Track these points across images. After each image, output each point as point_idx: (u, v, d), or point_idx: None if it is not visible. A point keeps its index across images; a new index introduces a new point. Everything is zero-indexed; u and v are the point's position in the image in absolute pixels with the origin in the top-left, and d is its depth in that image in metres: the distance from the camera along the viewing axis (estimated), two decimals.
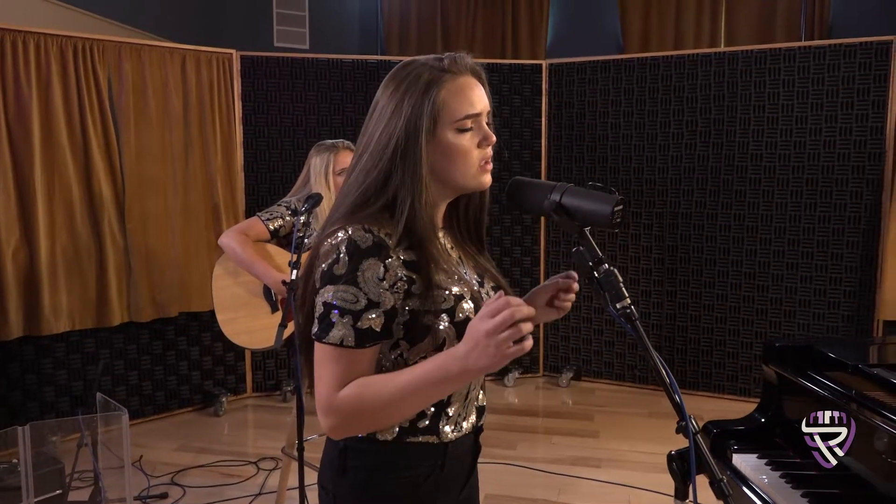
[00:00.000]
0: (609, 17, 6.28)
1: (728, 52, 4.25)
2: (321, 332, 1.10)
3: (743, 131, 4.20)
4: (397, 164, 1.13)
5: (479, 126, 1.17)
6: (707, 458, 1.00)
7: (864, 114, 3.92)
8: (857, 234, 3.98)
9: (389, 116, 1.15)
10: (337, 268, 1.10)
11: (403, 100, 1.14)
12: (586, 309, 4.71)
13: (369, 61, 4.47)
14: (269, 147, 4.33)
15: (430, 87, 1.13)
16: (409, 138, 1.13)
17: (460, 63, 1.17)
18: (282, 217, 2.62)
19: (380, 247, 1.10)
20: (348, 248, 1.10)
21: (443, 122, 1.14)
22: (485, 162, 1.18)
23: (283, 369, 4.52)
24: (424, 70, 1.15)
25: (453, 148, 1.15)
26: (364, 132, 1.20)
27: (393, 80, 1.18)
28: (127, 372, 3.96)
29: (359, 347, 1.09)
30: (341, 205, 1.18)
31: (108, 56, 3.72)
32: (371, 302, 1.09)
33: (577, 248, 1.08)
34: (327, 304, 1.10)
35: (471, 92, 1.16)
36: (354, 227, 1.11)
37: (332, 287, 1.10)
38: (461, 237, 1.29)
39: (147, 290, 3.90)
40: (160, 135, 3.91)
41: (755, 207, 4.20)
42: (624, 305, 1.04)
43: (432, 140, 1.14)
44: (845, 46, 3.95)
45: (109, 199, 3.75)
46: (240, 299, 2.60)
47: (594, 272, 1.07)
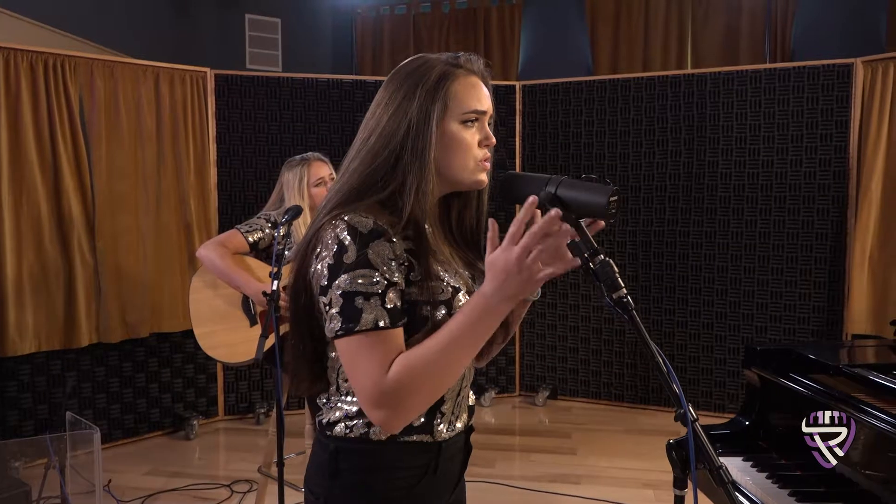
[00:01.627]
0: (578, 40, 6.41)
1: (697, 73, 4.36)
2: (350, 324, 1.05)
3: (712, 150, 4.29)
4: (407, 148, 1.13)
5: (483, 125, 1.19)
6: (706, 446, 1.01)
7: (828, 133, 4.04)
8: (824, 250, 4.08)
9: (401, 101, 1.15)
10: (346, 256, 1.07)
11: (417, 86, 1.15)
12: (562, 327, 4.72)
13: (344, 81, 4.49)
14: (244, 166, 4.30)
15: (444, 78, 1.15)
16: (420, 123, 1.13)
17: (474, 63, 1.19)
18: (261, 229, 2.59)
19: (382, 231, 1.08)
20: (351, 234, 1.07)
21: (450, 112, 1.15)
22: (483, 160, 1.18)
23: (257, 391, 4.43)
24: (438, 63, 1.17)
25: (456, 139, 1.15)
26: (370, 117, 1.19)
27: (404, 71, 1.19)
28: (94, 395, 3.85)
29: (394, 327, 1.06)
30: (345, 185, 1.16)
31: (80, 72, 3.68)
32: (389, 281, 1.07)
33: (571, 240, 1.08)
34: (348, 293, 1.06)
35: (480, 91, 1.18)
36: (350, 215, 1.10)
37: (346, 275, 1.06)
38: (455, 242, 1.27)
39: (117, 310, 3.81)
40: (132, 152, 3.86)
41: (725, 225, 4.28)
42: (620, 295, 1.04)
43: (440, 131, 1.14)
44: (809, 68, 4.08)
45: (79, 218, 3.68)
46: (218, 312, 2.56)
47: (590, 263, 1.07)
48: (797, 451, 1.65)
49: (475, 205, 1.26)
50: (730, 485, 0.99)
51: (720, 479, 0.99)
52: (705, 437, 1.00)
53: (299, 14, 7.04)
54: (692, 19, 5.99)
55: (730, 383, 4.29)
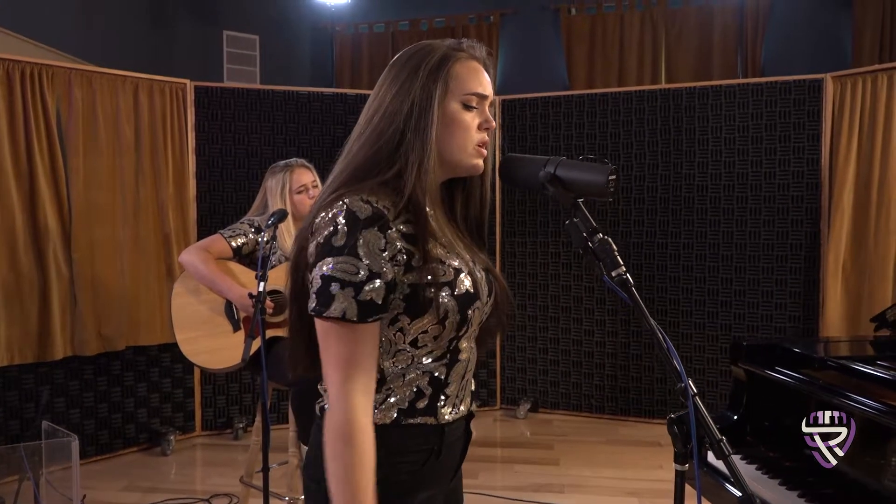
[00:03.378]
0: (554, 58, 6.52)
1: (672, 88, 4.45)
2: (320, 307, 1.07)
3: (689, 163, 4.37)
4: (410, 126, 1.14)
5: (483, 109, 1.20)
6: (706, 420, 1.01)
7: (800, 146, 4.13)
8: (799, 260, 4.16)
9: (404, 81, 1.17)
10: (336, 239, 1.08)
11: (419, 67, 1.16)
12: (542, 340, 4.73)
13: (324, 94, 4.50)
14: (223, 177, 4.27)
15: (446, 60, 1.17)
16: (422, 101, 1.14)
17: (476, 49, 1.22)
18: (245, 235, 2.57)
19: (379, 217, 1.09)
20: (347, 219, 1.08)
21: (452, 93, 1.16)
22: (481, 144, 1.19)
23: (235, 406, 4.36)
24: (441, 46, 1.20)
25: (456, 120, 1.16)
26: (373, 99, 1.21)
27: (407, 54, 1.21)
28: (68, 410, 3.76)
29: (361, 322, 1.07)
30: (349, 165, 1.17)
31: (57, 82, 3.64)
32: (372, 273, 1.07)
33: (570, 220, 1.10)
34: (326, 277, 1.07)
35: (482, 75, 1.20)
36: (352, 198, 1.10)
37: (330, 259, 1.07)
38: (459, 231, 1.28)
39: (93, 323, 3.73)
40: (110, 162, 3.82)
41: (702, 236, 4.35)
42: (619, 273, 1.06)
43: (440, 108, 1.15)
44: (781, 84, 4.18)
45: (55, 228, 3.61)
46: (200, 318, 2.52)
47: (589, 242, 1.08)
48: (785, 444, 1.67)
49: (479, 193, 1.27)
50: (730, 457, 0.99)
51: (721, 451, 1.00)
52: (705, 411, 1.01)
53: (277, 31, 7.07)
54: (665, 37, 6.13)
55: (709, 393, 4.32)
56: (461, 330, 1.16)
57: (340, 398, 1.07)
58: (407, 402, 1.14)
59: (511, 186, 1.17)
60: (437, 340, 1.15)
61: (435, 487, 1.20)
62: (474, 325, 1.20)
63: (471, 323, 1.17)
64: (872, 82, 3.88)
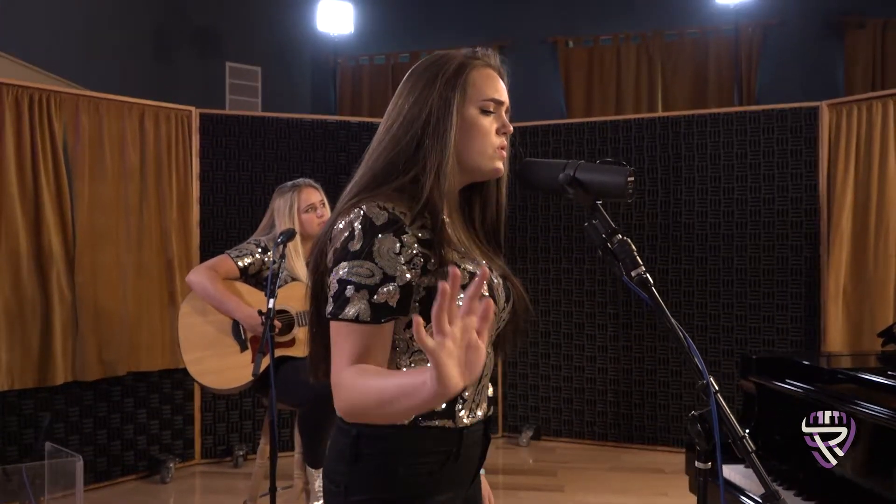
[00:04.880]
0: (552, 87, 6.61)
1: (670, 116, 4.51)
2: (336, 310, 1.09)
3: (688, 189, 4.41)
4: (429, 133, 1.16)
5: (500, 114, 1.23)
6: (728, 417, 1.02)
7: (798, 173, 4.19)
8: (799, 285, 4.18)
9: (422, 90, 1.19)
10: (352, 244, 1.10)
11: (437, 76, 1.19)
12: (544, 366, 4.72)
13: (328, 121, 4.55)
14: (227, 203, 4.30)
15: (463, 68, 1.20)
16: (440, 108, 1.17)
17: (492, 58, 1.25)
18: (251, 254, 2.58)
19: (395, 222, 1.11)
20: (363, 224, 1.10)
21: (469, 100, 1.19)
22: (500, 148, 1.22)
23: (235, 433, 4.32)
24: (457, 55, 1.23)
25: (475, 125, 1.19)
26: (391, 108, 1.23)
27: (423, 65, 1.24)
28: (67, 436, 3.72)
29: (375, 323, 1.08)
30: (368, 171, 1.19)
31: (65, 108, 3.68)
32: (386, 276, 1.09)
33: (589, 222, 1.12)
34: (342, 281, 1.09)
35: (497, 82, 1.23)
36: (369, 204, 1.12)
37: (346, 263, 1.09)
38: (476, 236, 1.30)
39: (94, 348, 3.72)
40: (115, 188, 3.84)
41: (703, 262, 4.37)
42: (639, 272, 1.08)
43: (457, 115, 1.17)
44: (777, 111, 4.25)
45: (59, 252, 3.62)
46: (208, 338, 2.52)
47: (608, 243, 1.10)
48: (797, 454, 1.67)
49: (495, 199, 1.30)
50: (753, 453, 1.00)
51: (744, 448, 1.01)
52: (727, 408, 1.02)
53: (279, 62, 7.17)
54: (662, 68, 6.24)
55: None
56: None
57: (346, 378, 1.06)
58: None
59: (530, 191, 1.20)
60: None
61: (453, 490, 1.20)
62: (491, 330, 1.21)
63: None
64: (868, 109, 3.95)
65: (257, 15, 6.96)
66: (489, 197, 1.30)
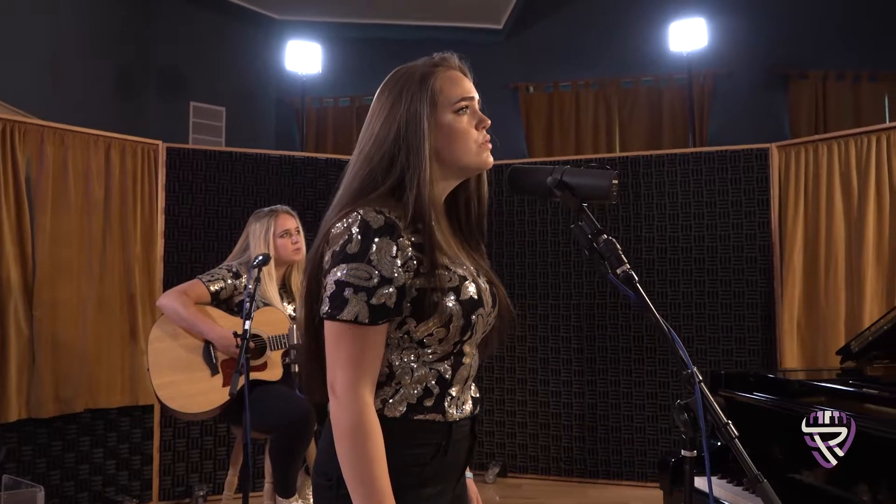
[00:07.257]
0: (513, 131, 6.80)
1: (630, 156, 4.68)
2: (334, 310, 1.11)
3: (648, 227, 4.55)
4: (401, 147, 1.20)
5: (474, 110, 1.28)
6: (711, 405, 1.07)
7: (751, 210, 4.36)
8: (755, 319, 4.31)
9: (390, 109, 1.23)
10: (350, 247, 1.13)
11: (402, 93, 1.23)
12: (510, 402, 4.73)
13: (295, 157, 4.58)
14: (192, 238, 4.26)
15: (426, 78, 1.24)
16: (409, 123, 1.21)
17: (450, 60, 1.29)
18: (223, 279, 2.58)
19: (392, 227, 1.14)
20: (361, 228, 1.13)
21: (442, 106, 1.23)
22: (484, 141, 1.28)
23: (195, 473, 4.20)
24: (418, 67, 1.27)
25: (454, 129, 1.24)
26: (364, 131, 1.28)
27: (388, 84, 1.28)
28: (20, 475, 3.55)
29: (373, 324, 1.11)
30: (346, 190, 1.23)
31: (29, 139, 3.64)
32: (384, 278, 1.12)
33: (575, 223, 1.17)
34: (340, 282, 1.12)
35: (463, 80, 1.28)
36: (366, 209, 1.16)
37: (344, 265, 1.12)
38: (462, 237, 1.34)
39: (51, 384, 3.61)
40: (78, 220, 3.79)
41: (664, 297, 4.48)
42: (624, 269, 1.13)
43: (434, 125, 1.22)
44: (730, 152, 4.45)
45: (17, 285, 3.53)
46: (178, 362, 2.48)
47: (594, 243, 1.15)
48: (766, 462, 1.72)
49: (477, 194, 1.35)
50: (736, 440, 1.04)
51: (727, 434, 1.05)
52: (711, 397, 1.07)
53: (244, 103, 7.21)
54: (619, 112, 6.48)
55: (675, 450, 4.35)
56: (465, 334, 1.21)
57: (351, 396, 1.10)
58: (416, 398, 1.18)
59: (519, 195, 1.26)
60: (441, 343, 1.19)
61: (442, 484, 1.21)
62: (478, 332, 1.24)
63: (475, 328, 1.22)
64: (814, 151, 4.17)
65: (224, 54, 7.01)
66: (471, 193, 1.35)
